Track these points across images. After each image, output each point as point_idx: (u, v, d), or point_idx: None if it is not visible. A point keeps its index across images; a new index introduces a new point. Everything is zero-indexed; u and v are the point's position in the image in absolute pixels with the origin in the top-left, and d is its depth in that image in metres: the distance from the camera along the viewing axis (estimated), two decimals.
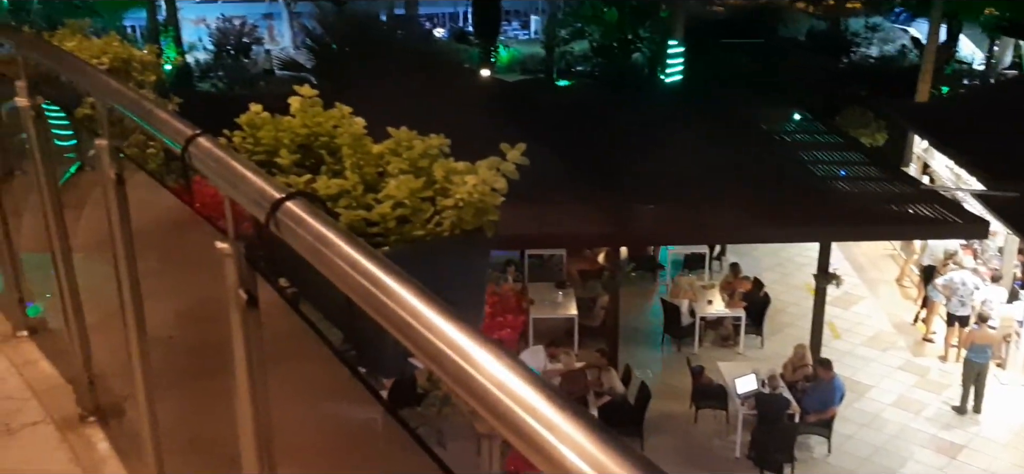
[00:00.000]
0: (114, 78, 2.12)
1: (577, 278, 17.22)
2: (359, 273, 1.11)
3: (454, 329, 1.00)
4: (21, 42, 2.67)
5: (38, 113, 2.70)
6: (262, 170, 1.37)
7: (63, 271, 3.00)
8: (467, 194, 1.97)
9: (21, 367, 3.29)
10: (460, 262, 2.04)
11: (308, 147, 2.11)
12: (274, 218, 1.26)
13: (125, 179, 2.16)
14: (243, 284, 1.52)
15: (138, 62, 4.31)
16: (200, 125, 1.67)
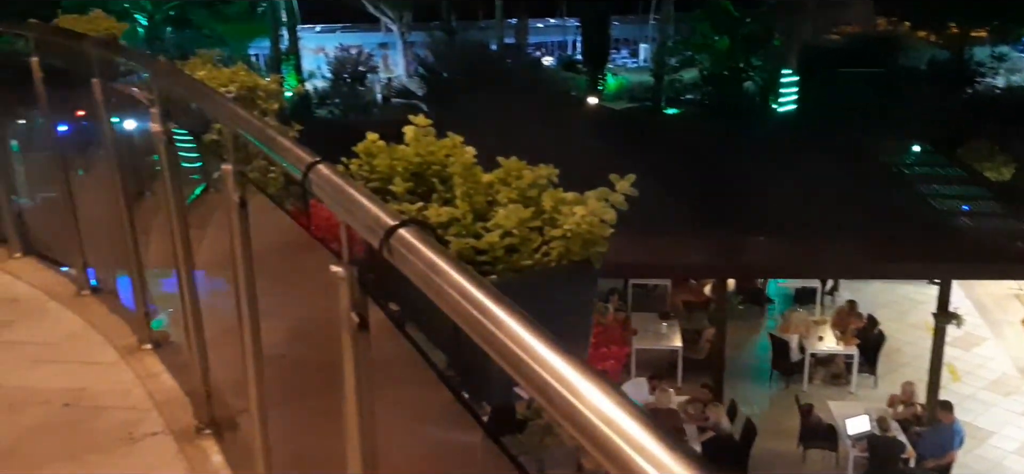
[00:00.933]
0: (240, 106, 2.22)
1: (682, 309, 16.93)
2: (467, 301, 1.12)
3: (561, 361, 0.99)
4: (156, 70, 2.84)
5: (169, 138, 2.85)
6: (377, 197, 1.41)
7: (186, 288, 3.14)
8: (575, 225, 1.98)
9: (145, 379, 3.46)
10: (567, 292, 2.05)
11: (421, 175, 2.16)
12: (387, 244, 1.29)
13: (247, 202, 2.25)
14: (355, 307, 1.56)
15: (263, 91, 4.52)
16: (316, 150, 1.74)
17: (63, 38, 4.04)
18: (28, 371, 3.61)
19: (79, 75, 3.78)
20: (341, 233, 1.56)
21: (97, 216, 4.42)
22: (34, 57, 4.04)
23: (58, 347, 3.85)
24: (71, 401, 3.31)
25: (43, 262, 4.82)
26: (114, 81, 3.68)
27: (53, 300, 4.35)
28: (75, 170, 4.50)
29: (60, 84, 4.33)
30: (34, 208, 5.11)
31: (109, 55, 3.51)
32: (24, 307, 4.30)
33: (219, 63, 4.88)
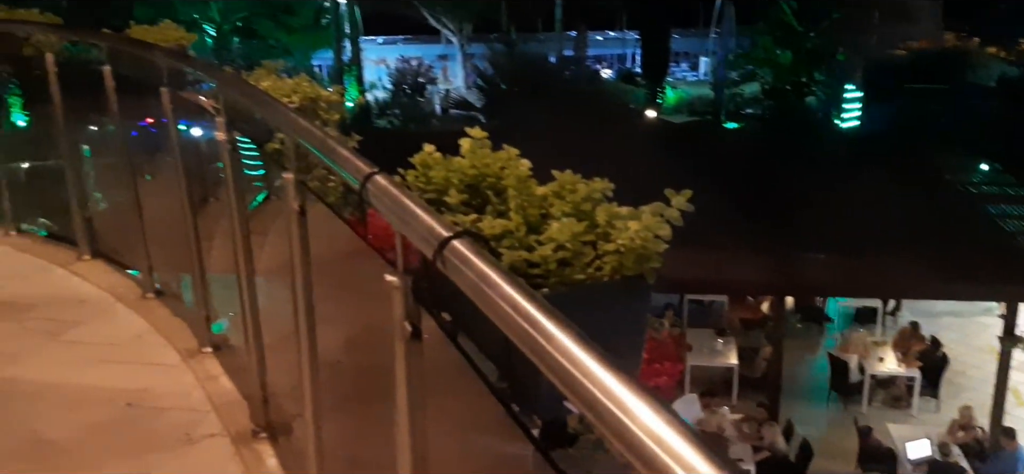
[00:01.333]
0: (302, 117, 2.27)
1: (738, 326, 16.69)
2: (519, 314, 1.13)
3: (611, 378, 0.99)
4: (222, 81, 2.91)
5: (233, 146, 2.92)
6: (432, 208, 1.43)
7: (246, 292, 3.21)
8: (629, 240, 1.97)
9: (204, 381, 3.54)
10: (620, 308, 2.04)
11: (475, 187, 2.17)
12: (441, 255, 1.31)
13: (306, 210, 2.29)
14: (408, 317, 1.58)
15: (324, 101, 4.60)
16: (374, 160, 1.77)
17: (135, 48, 4.17)
18: (93, 370, 3.72)
19: (149, 84, 3.91)
20: (396, 243, 1.58)
21: (162, 221, 4.54)
22: (107, 66, 4.18)
23: (122, 348, 3.96)
24: (134, 401, 3.40)
25: (110, 264, 4.96)
26: (182, 90, 3.78)
27: (119, 302, 4.48)
28: (142, 175, 4.63)
29: (130, 92, 4.47)
30: (103, 212, 5.27)
31: (178, 65, 3.61)
32: (91, 308, 4.43)
33: (283, 74, 5.00)
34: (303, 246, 2.35)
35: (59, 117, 4.90)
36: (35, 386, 3.57)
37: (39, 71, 5.01)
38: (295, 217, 2.31)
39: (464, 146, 2.28)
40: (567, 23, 35.67)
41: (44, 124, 6.08)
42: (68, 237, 5.22)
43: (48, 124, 5.15)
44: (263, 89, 3.44)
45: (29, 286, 4.71)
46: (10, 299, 4.46)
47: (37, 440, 3.17)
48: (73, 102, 5.05)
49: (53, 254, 5.14)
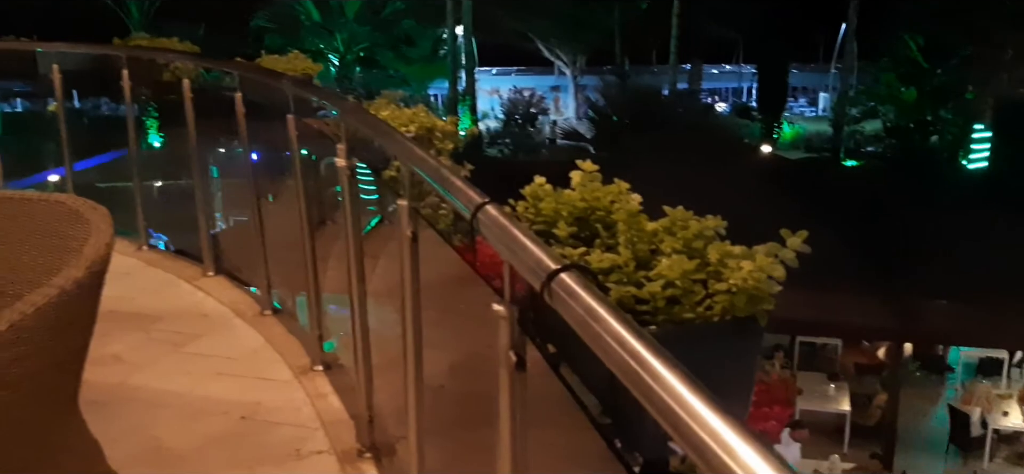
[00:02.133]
0: (418, 146, 2.32)
1: (852, 371, 16.04)
2: (626, 351, 1.12)
3: (718, 420, 0.97)
4: (344, 109, 3.02)
5: (352, 172, 3.02)
6: (540, 240, 1.44)
7: (358, 314, 3.29)
8: (741, 280, 1.93)
9: (314, 398, 3.64)
10: (729, 349, 1.99)
11: (585, 220, 2.18)
12: (548, 288, 1.31)
13: (418, 236, 2.34)
14: (514, 346, 1.58)
15: (440, 131, 4.72)
16: (485, 188, 1.79)
17: (264, 76, 4.37)
18: (211, 382, 3.88)
19: (274, 110, 4.09)
20: (504, 273, 1.59)
21: (281, 241, 4.72)
22: (238, 92, 4.39)
23: (239, 362, 4.12)
24: (247, 414, 3.53)
25: (232, 281, 5.18)
26: (306, 117, 3.94)
27: (238, 317, 4.67)
28: (265, 197, 4.83)
29: (257, 117, 4.68)
30: (227, 230, 5.53)
31: (303, 93, 3.77)
32: (212, 322, 4.63)
33: (401, 104, 5.15)
34: (414, 271, 2.40)
35: (191, 139, 5.17)
36: (157, 394, 3.76)
37: (174, 95, 5.32)
38: (407, 243, 2.36)
39: (574, 179, 2.29)
40: (682, 56, 35.37)
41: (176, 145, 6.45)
42: (194, 253, 5.49)
43: (180, 145, 5.44)
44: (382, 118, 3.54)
45: (157, 299, 4.97)
46: (139, 311, 4.71)
47: (157, 447, 3.32)
48: (204, 125, 5.33)
49: (180, 269, 5.41)
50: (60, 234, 3.20)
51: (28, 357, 2.69)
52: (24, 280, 3.28)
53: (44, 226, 3.22)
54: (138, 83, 5.71)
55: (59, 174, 7.04)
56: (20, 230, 3.27)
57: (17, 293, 3.28)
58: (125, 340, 4.25)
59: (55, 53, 6.39)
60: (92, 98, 21.29)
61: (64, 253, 3.20)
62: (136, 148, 5.84)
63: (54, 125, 6.50)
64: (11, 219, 3.30)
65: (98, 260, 2.96)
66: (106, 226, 3.04)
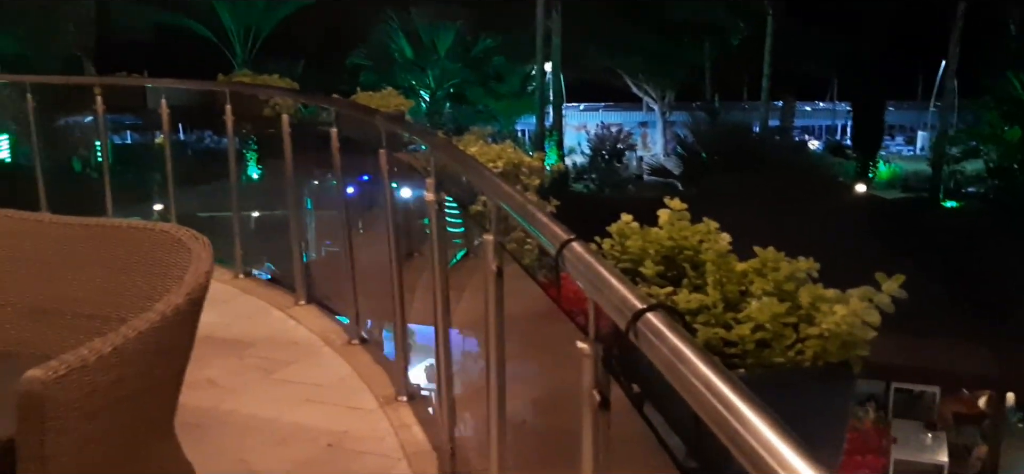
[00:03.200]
0: (505, 181, 2.35)
1: (951, 421, 15.30)
2: (713, 394, 1.10)
3: (809, 469, 0.94)
4: (434, 145, 3.08)
5: (440, 206, 3.06)
6: (627, 278, 1.43)
7: (442, 346, 3.33)
8: (834, 325, 1.87)
9: (398, 429, 3.68)
10: (821, 395, 1.93)
11: (672, 259, 2.15)
12: (634, 327, 1.30)
13: (503, 271, 2.36)
14: (598, 386, 1.57)
15: (526, 167, 4.77)
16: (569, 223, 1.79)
17: (359, 112, 4.49)
18: (300, 409, 3.97)
19: (367, 144, 4.19)
20: (589, 310, 1.59)
21: (371, 271, 4.82)
22: (334, 127, 4.52)
23: (327, 390, 4.21)
24: (334, 442, 3.59)
25: (322, 310, 5.31)
26: (397, 151, 4.03)
27: (327, 345, 4.77)
28: (356, 228, 4.94)
29: (351, 151, 4.80)
30: (319, 260, 5.66)
31: (395, 129, 3.85)
32: (302, 349, 4.75)
33: (490, 140, 5.23)
34: (498, 305, 2.41)
35: (288, 172, 5.34)
36: (248, 419, 3.86)
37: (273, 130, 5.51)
38: (492, 277, 2.38)
39: (662, 217, 2.27)
40: (774, 92, 34.77)
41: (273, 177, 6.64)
42: (287, 282, 5.64)
43: (277, 177, 5.62)
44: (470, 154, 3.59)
45: (251, 326, 5.12)
46: (234, 337, 4.86)
47: (246, 471, 3.41)
48: (300, 158, 5.50)
49: (273, 297, 5.57)
50: (163, 262, 3.34)
51: (129, 379, 2.80)
52: (127, 305, 3.42)
53: (148, 254, 3.37)
54: (240, 118, 5.94)
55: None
56: (125, 257, 3.42)
57: (120, 317, 3.42)
58: (220, 365, 4.39)
59: (163, 88, 6.70)
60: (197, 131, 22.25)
61: (166, 280, 3.33)
62: (236, 180, 6.05)
63: (160, 156, 6.81)
64: (118, 246, 3.46)
65: (197, 288, 3.07)
66: (206, 255, 3.16)
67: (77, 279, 3.41)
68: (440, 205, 3.11)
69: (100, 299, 3.38)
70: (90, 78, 8.58)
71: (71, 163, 14.99)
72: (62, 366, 2.54)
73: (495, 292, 2.39)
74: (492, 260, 2.35)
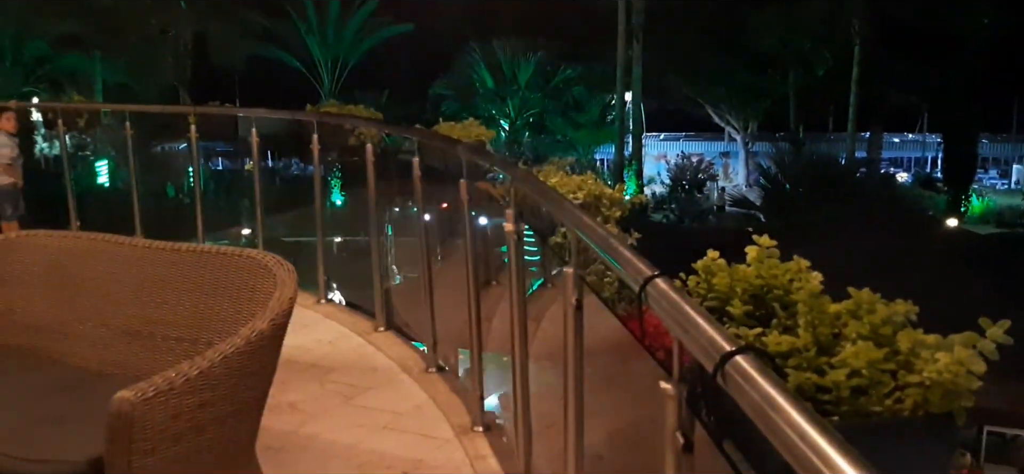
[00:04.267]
0: (586, 213, 2.32)
1: None
2: (806, 444, 1.05)
3: None
4: (515, 175, 3.07)
5: (519, 237, 3.05)
6: (714, 318, 1.38)
7: (519, 377, 3.30)
8: (937, 373, 1.77)
9: (474, 459, 3.67)
10: (921, 447, 1.83)
11: (760, 298, 2.08)
12: (722, 370, 1.26)
13: (583, 304, 2.32)
14: (681, 427, 1.53)
15: (607, 199, 4.73)
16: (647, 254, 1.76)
17: (442, 142, 4.54)
18: (378, 436, 3.98)
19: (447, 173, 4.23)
20: (673, 349, 1.54)
21: (447, 300, 4.83)
22: (416, 157, 4.57)
23: (404, 417, 4.22)
24: (409, 470, 3.59)
25: (400, 337, 5.35)
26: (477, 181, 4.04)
27: (405, 373, 4.80)
28: (434, 256, 4.97)
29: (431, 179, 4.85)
30: (399, 287, 5.72)
31: (477, 160, 3.87)
32: (381, 376, 4.78)
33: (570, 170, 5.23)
34: (577, 338, 2.38)
35: (371, 200, 5.41)
36: (328, 444, 3.90)
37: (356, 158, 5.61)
38: (572, 310, 2.34)
39: (751, 254, 2.20)
40: (861, 123, 33.87)
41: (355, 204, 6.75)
42: (367, 308, 5.71)
43: (358, 204, 5.71)
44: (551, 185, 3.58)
45: (332, 351, 5.19)
46: (316, 361, 4.93)
47: None
48: (382, 186, 5.57)
49: (354, 323, 5.64)
50: (249, 287, 3.41)
51: (214, 403, 2.86)
52: (215, 328, 3.50)
53: (235, 279, 3.44)
54: (326, 146, 6.07)
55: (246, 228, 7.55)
56: (214, 282, 3.51)
57: (207, 340, 3.51)
58: (301, 389, 4.46)
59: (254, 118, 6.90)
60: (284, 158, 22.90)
61: (251, 304, 3.40)
62: (321, 207, 6.17)
63: (249, 182, 7.00)
64: (207, 271, 3.55)
65: (281, 313, 3.12)
66: (291, 281, 3.22)
67: (167, 302, 3.51)
68: (519, 236, 3.10)
69: (189, 322, 3.47)
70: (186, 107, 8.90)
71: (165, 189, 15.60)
72: (150, 388, 2.61)
73: (574, 325, 2.36)
74: (572, 292, 2.32)
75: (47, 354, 3.64)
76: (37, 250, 3.80)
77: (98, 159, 18.27)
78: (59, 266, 3.74)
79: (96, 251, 3.71)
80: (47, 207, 9.04)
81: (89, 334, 3.63)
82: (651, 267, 1.65)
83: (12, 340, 3.71)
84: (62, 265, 3.74)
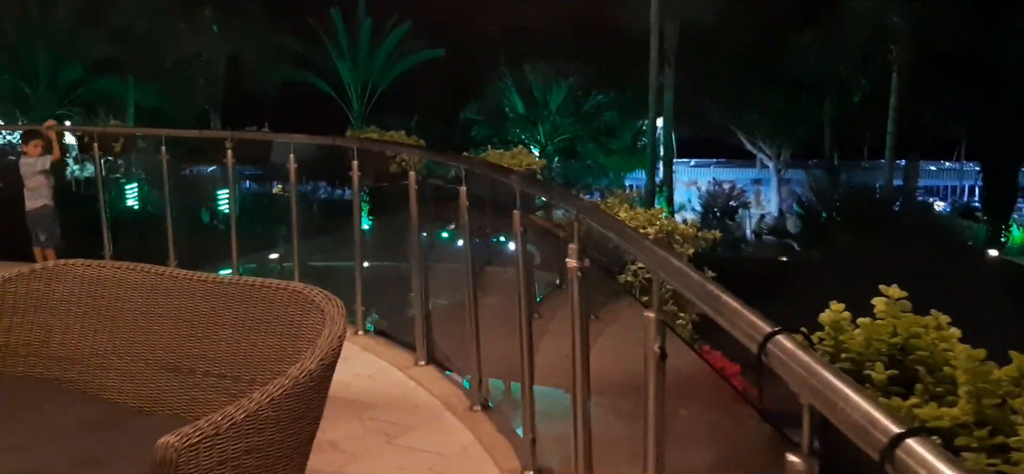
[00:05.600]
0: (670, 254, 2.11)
1: None
2: None
3: None
4: (581, 209, 2.88)
5: (583, 274, 2.85)
6: (867, 390, 1.18)
7: (581, 421, 3.09)
8: None
9: None
10: None
11: (896, 358, 1.86)
12: (891, 457, 1.05)
13: (667, 352, 2.12)
14: None
15: (679, 235, 4.51)
16: None
17: (493, 172, 4.35)
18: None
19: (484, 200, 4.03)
20: (804, 419, 1.34)
21: (487, 332, 4.65)
22: (463, 187, 4.38)
23: (450, 460, 4.03)
24: None
25: (443, 372, 5.16)
26: (530, 211, 3.86)
27: (448, 410, 4.60)
28: (479, 288, 4.78)
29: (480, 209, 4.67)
30: (439, 320, 5.53)
31: (535, 191, 3.68)
32: (424, 414, 4.59)
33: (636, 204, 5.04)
34: (659, 390, 2.18)
35: (414, 229, 5.23)
36: None
37: (386, 183, 5.45)
38: (654, 359, 2.14)
39: (878, 306, 1.98)
40: (898, 151, 33.36)
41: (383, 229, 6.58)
42: (407, 341, 5.53)
43: (385, 229, 5.54)
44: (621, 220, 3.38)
45: (372, 386, 5.01)
46: (355, 397, 4.75)
47: None
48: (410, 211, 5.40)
49: (393, 356, 5.46)
50: (295, 322, 3.24)
51: (261, 448, 2.68)
52: (259, 365, 3.33)
53: (281, 313, 3.28)
54: (365, 173, 5.92)
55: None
56: (257, 316, 3.34)
57: (250, 378, 3.34)
58: (342, 427, 4.28)
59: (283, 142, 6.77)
60: (312, 182, 22.94)
61: (297, 341, 3.22)
62: (359, 235, 6.01)
63: (277, 206, 6.88)
64: (250, 304, 3.38)
65: (330, 352, 2.94)
66: (340, 318, 3.04)
67: (209, 337, 3.36)
68: (583, 273, 2.90)
69: (232, 358, 3.31)
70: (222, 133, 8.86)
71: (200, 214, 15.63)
72: (195, 433, 2.45)
73: (657, 376, 2.16)
74: (654, 340, 2.12)
75: (83, 388, 3.52)
76: (74, 279, 3.67)
77: (130, 182, 18.37)
78: (96, 296, 3.62)
79: (134, 281, 3.58)
80: (79, 231, 8.99)
81: (127, 368, 3.49)
82: (771, 323, 1.45)
83: (47, 372, 3.59)
84: (99, 295, 3.62)
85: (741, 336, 1.51)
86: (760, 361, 1.42)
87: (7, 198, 9.11)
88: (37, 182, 7.86)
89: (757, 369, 1.41)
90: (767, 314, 1.73)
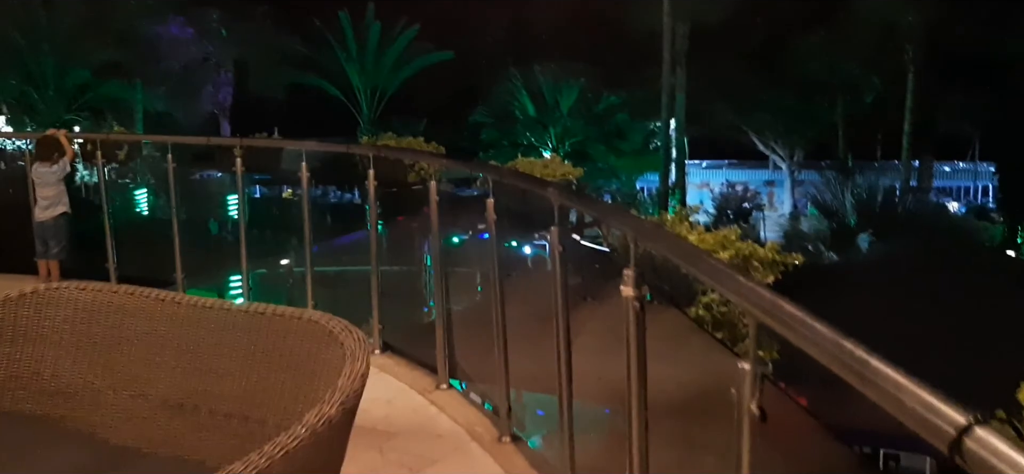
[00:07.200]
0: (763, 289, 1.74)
1: None
2: None
3: None
4: (639, 231, 2.51)
5: (641, 304, 2.49)
6: None
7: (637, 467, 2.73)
8: None
9: None
10: None
11: None
12: None
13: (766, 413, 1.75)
14: None
15: (758, 260, 4.13)
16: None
17: (528, 183, 3.97)
18: None
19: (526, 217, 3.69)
20: None
21: (524, 360, 4.30)
22: (490, 198, 4.03)
23: None
24: None
25: (466, 397, 4.81)
26: (575, 232, 3.50)
27: (474, 441, 4.25)
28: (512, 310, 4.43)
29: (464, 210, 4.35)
30: (463, 341, 5.18)
31: (578, 206, 3.32)
32: (448, 445, 4.24)
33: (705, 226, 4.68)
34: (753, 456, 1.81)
35: (435, 245, 4.89)
36: None
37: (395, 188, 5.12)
38: (748, 418, 1.77)
39: None
40: (912, 151, 32.94)
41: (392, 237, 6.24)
42: (427, 362, 5.17)
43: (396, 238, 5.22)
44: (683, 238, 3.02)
45: (391, 411, 4.65)
46: (373, 424, 4.39)
47: None
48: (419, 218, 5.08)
49: (412, 378, 5.11)
50: (312, 357, 2.86)
51: None
52: (270, 405, 2.95)
53: (295, 345, 2.91)
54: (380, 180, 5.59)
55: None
56: (269, 348, 2.97)
57: (260, 419, 2.96)
58: (359, 459, 3.91)
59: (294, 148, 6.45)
60: (322, 186, 22.71)
61: (314, 379, 2.84)
62: (376, 247, 5.64)
63: (288, 210, 6.57)
64: (261, 335, 3.01)
65: (352, 395, 2.56)
66: (362, 353, 2.66)
67: (215, 371, 3.01)
68: (641, 303, 2.53)
69: (240, 396, 2.96)
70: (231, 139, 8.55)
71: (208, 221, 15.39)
72: None
73: (750, 441, 1.79)
74: (751, 397, 1.75)
75: (75, 426, 3.18)
76: (66, 305, 3.32)
77: (137, 188, 18.13)
78: (91, 324, 3.27)
79: (133, 308, 3.22)
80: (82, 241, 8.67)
81: (124, 405, 3.15)
82: (965, 410, 1.08)
83: (37, 408, 3.24)
84: (94, 323, 3.27)
85: (914, 424, 1.13)
86: (960, 456, 1.05)
87: (6, 208, 8.83)
88: (53, 192, 7.52)
89: (953, 457, 1.04)
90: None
